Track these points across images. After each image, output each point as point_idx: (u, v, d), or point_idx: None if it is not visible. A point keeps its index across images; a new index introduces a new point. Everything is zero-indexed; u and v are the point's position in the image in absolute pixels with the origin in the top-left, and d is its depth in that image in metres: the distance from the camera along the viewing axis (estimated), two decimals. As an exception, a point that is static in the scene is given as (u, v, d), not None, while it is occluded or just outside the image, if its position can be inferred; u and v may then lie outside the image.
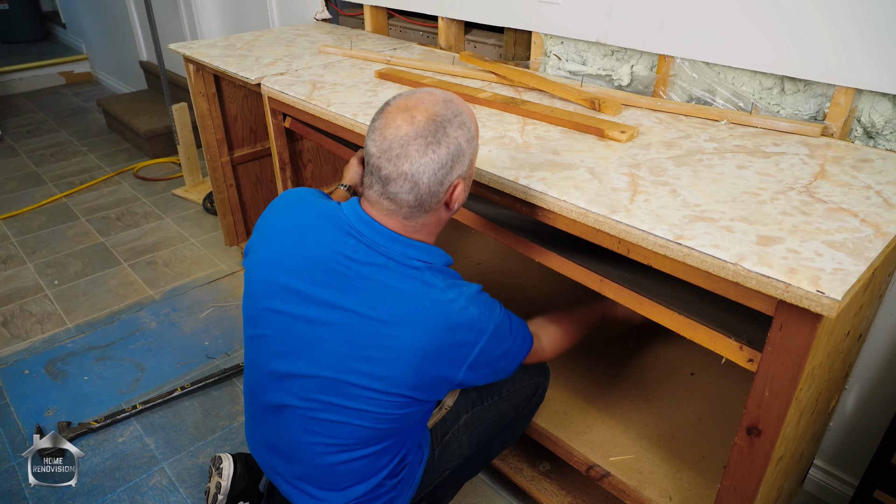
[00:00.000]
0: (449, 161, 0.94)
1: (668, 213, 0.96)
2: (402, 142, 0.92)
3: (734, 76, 1.38)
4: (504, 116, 1.41)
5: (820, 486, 1.55)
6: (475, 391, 1.27)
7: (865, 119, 1.23)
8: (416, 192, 0.94)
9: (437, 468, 1.23)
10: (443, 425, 1.24)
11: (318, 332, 1.01)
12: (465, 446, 1.25)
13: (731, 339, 0.95)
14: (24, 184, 3.36)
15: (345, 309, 0.98)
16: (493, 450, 1.36)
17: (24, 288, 2.45)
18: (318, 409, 1.05)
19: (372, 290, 0.97)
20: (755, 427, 0.93)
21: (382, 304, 0.96)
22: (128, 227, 2.91)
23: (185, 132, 3.06)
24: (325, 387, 1.03)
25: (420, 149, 0.92)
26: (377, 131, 0.95)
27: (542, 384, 1.32)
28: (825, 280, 0.78)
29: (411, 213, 0.97)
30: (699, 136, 1.26)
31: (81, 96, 4.93)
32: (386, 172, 0.94)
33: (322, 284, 0.99)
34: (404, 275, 0.97)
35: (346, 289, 0.98)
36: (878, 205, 0.97)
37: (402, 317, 0.96)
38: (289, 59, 1.92)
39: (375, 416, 1.02)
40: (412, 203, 0.96)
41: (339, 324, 0.99)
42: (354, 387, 1.01)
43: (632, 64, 1.55)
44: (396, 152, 0.92)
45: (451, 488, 1.39)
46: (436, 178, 0.94)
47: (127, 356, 2.07)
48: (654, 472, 1.27)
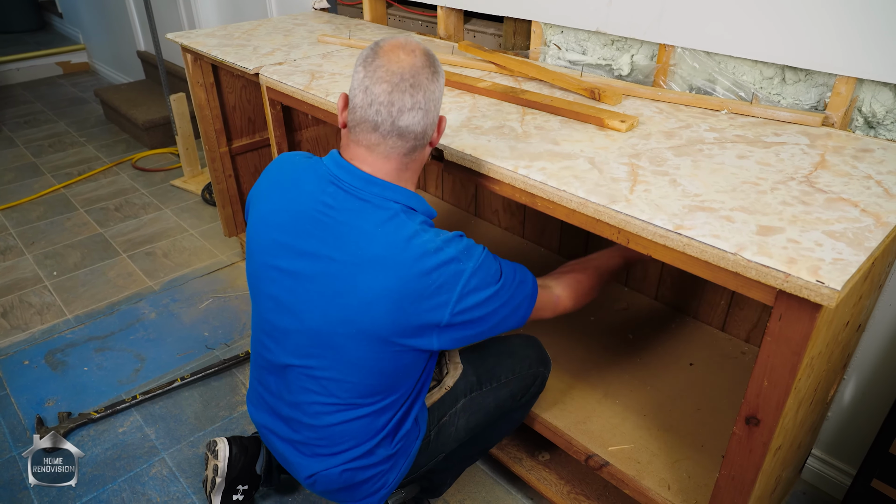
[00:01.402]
0: (441, 93, 1.01)
1: (667, 203, 0.95)
2: (412, 71, 0.95)
3: (735, 66, 1.38)
4: (503, 106, 1.40)
5: (817, 476, 1.56)
6: (474, 375, 1.26)
7: (866, 109, 1.23)
8: (424, 122, 0.98)
9: (433, 450, 1.23)
10: (440, 407, 1.24)
11: (304, 284, 1.02)
12: (461, 431, 1.25)
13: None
14: (22, 175, 3.35)
15: (324, 257, 1.00)
16: (492, 439, 1.37)
17: (23, 279, 2.45)
18: (314, 366, 1.06)
19: (347, 235, 0.98)
20: (754, 417, 0.93)
21: (356, 248, 0.97)
22: (126, 217, 2.90)
23: (184, 123, 3.05)
24: (315, 341, 1.04)
25: (429, 76, 0.96)
26: (381, 69, 0.95)
27: (541, 374, 1.32)
28: (825, 270, 0.78)
29: (412, 150, 1.00)
30: (699, 126, 1.26)
31: (79, 87, 4.90)
32: (398, 106, 0.95)
33: (306, 235, 1.01)
34: (379, 217, 0.98)
35: (326, 237, 1.00)
36: (878, 195, 0.97)
37: (374, 259, 0.96)
38: (287, 49, 1.91)
39: (367, 368, 1.03)
40: (418, 135, 0.99)
41: (320, 274, 1.00)
42: (340, 336, 1.01)
43: (632, 53, 1.55)
44: (410, 82, 0.94)
45: (449, 475, 1.40)
46: (436, 108, 0.99)
47: (127, 347, 2.08)
48: (652, 462, 1.28)
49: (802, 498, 1.55)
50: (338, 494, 1.18)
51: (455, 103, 1.42)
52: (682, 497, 1.20)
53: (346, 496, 1.18)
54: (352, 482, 1.15)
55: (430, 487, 1.39)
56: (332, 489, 1.17)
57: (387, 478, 1.17)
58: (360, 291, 0.98)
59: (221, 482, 1.43)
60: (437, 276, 0.96)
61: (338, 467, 1.13)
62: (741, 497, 1.02)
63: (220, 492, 1.45)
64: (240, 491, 1.47)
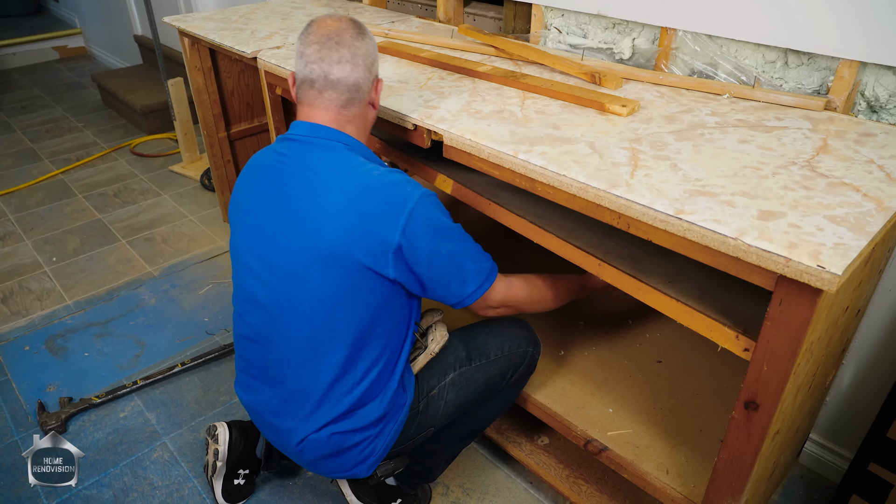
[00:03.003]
0: (373, 53, 1.12)
1: (668, 188, 0.95)
2: (337, 31, 1.08)
3: (737, 49, 1.37)
4: (503, 90, 1.39)
5: (815, 460, 1.57)
6: (464, 350, 1.28)
7: (869, 93, 1.22)
8: (354, 76, 1.08)
9: (421, 422, 1.24)
10: (429, 379, 1.25)
11: (268, 228, 1.11)
12: (450, 405, 1.25)
13: (728, 329, 0.96)
14: (20, 160, 3.34)
15: (280, 197, 1.09)
16: (483, 419, 1.36)
17: (22, 265, 2.45)
18: (286, 308, 1.11)
19: (299, 173, 1.08)
20: (753, 401, 0.93)
21: (307, 181, 1.07)
22: (125, 203, 2.89)
23: (182, 108, 3.03)
24: (284, 279, 1.10)
25: (353, 35, 1.09)
26: (311, 34, 1.09)
27: (530, 353, 1.33)
28: (826, 255, 0.78)
29: (348, 102, 1.10)
30: (701, 111, 1.25)
31: (76, 71, 4.87)
32: (328, 61, 1.07)
33: (265, 183, 1.12)
34: (325, 153, 1.08)
35: (281, 181, 1.10)
36: (880, 179, 0.97)
37: (323, 184, 1.06)
38: (285, 33, 1.89)
39: (332, 298, 1.06)
40: (351, 87, 1.09)
41: (279, 213, 1.09)
42: (302, 267, 1.07)
43: (633, 37, 1.53)
44: (335, 39, 1.07)
45: (442, 459, 1.39)
46: (366, 64, 1.10)
47: (127, 332, 2.08)
48: (651, 446, 1.28)
49: (800, 482, 1.56)
50: (327, 463, 1.19)
51: (455, 87, 1.41)
52: (681, 481, 1.21)
53: (335, 465, 1.19)
54: (340, 447, 1.16)
55: (423, 471, 1.40)
56: (321, 455, 1.17)
57: (375, 444, 1.17)
58: (312, 214, 1.05)
59: (222, 466, 1.44)
60: (386, 192, 1.04)
61: (325, 429, 1.14)
62: (739, 481, 1.02)
63: (222, 476, 1.46)
64: (241, 475, 1.48)
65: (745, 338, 0.94)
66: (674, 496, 1.18)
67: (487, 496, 1.54)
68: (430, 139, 1.25)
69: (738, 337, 0.95)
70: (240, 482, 1.49)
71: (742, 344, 0.95)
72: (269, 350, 1.17)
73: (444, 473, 1.58)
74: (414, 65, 1.59)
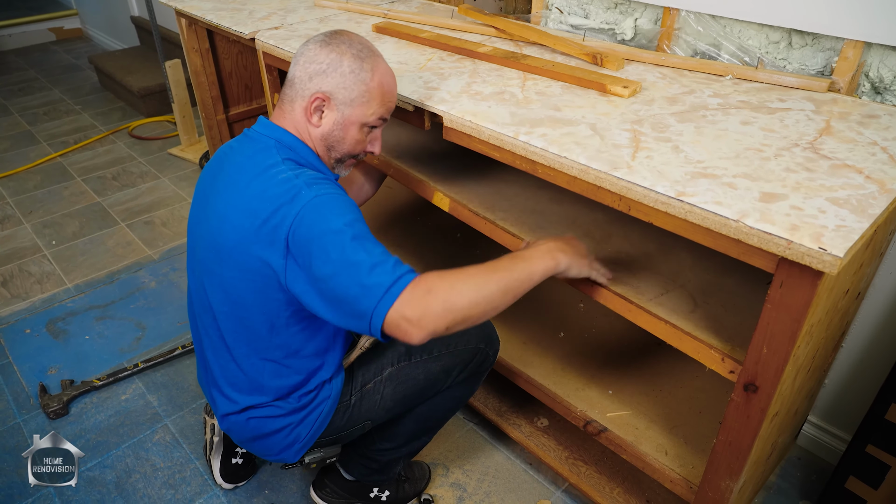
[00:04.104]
0: (325, 65, 1.05)
1: (670, 170, 0.94)
2: (338, 37, 1.07)
3: (740, 29, 1.35)
4: (504, 71, 1.38)
5: (813, 441, 1.58)
6: (404, 346, 1.21)
7: (874, 74, 1.20)
8: (292, 71, 1.07)
9: (354, 415, 1.22)
10: (364, 373, 1.22)
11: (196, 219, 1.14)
12: (387, 400, 1.22)
13: (714, 352, 0.99)
14: (18, 143, 3.32)
15: (210, 189, 1.10)
16: (434, 416, 1.32)
17: (22, 248, 2.45)
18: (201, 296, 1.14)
19: (228, 167, 1.08)
20: (752, 383, 0.93)
21: (227, 178, 1.07)
22: (124, 186, 2.88)
23: (180, 90, 3.01)
24: (199, 269, 1.13)
25: (316, 41, 1.07)
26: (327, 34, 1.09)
27: (482, 351, 1.26)
28: (827, 237, 0.78)
29: (290, 99, 1.08)
30: (703, 92, 1.23)
31: (73, 53, 4.83)
32: (303, 53, 1.07)
33: (208, 173, 1.14)
34: (252, 149, 1.07)
35: (215, 175, 1.10)
36: (883, 161, 0.96)
37: (234, 182, 1.05)
38: (283, 13, 1.87)
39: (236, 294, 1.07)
40: (289, 80, 1.08)
41: (204, 204, 1.11)
42: (212, 262, 1.08)
43: (635, 17, 1.51)
44: (327, 41, 1.07)
45: (401, 456, 1.37)
46: (307, 69, 1.06)
47: (127, 315, 2.08)
48: (650, 428, 1.29)
49: (798, 463, 1.57)
50: (254, 445, 1.22)
51: (455, 69, 1.40)
52: (680, 462, 1.22)
53: (261, 448, 1.22)
54: (260, 432, 1.18)
55: (381, 468, 1.37)
56: (245, 438, 1.21)
57: (298, 431, 1.18)
58: (218, 211, 1.06)
59: (219, 441, 1.45)
60: (278, 192, 0.98)
61: (242, 413, 1.17)
62: (738, 462, 1.03)
63: (220, 453, 1.47)
64: (238, 454, 1.50)
65: (731, 360, 0.97)
66: (672, 477, 1.19)
67: (487, 477, 1.55)
68: (431, 121, 1.24)
69: (723, 359, 0.98)
70: (238, 461, 1.50)
71: (728, 366, 0.98)
72: (195, 331, 1.23)
73: (444, 455, 1.60)
74: (413, 46, 1.57)
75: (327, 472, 1.45)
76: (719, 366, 0.99)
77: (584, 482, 1.44)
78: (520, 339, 1.52)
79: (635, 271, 1.18)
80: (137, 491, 1.52)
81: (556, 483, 1.54)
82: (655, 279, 1.15)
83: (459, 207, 1.33)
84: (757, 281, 1.18)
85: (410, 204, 2.06)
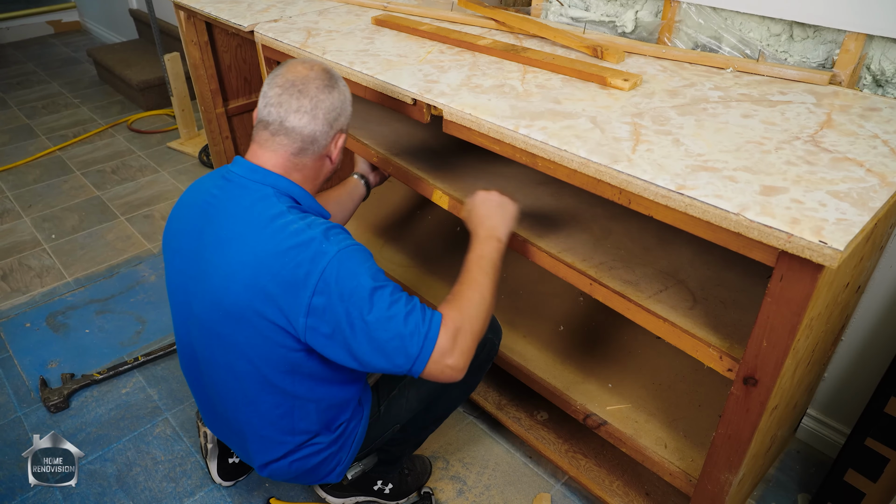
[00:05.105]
0: (339, 106, 1.06)
1: (670, 163, 0.94)
2: (304, 80, 1.03)
3: (741, 22, 1.34)
4: (504, 64, 1.37)
5: (812, 435, 1.58)
6: None
7: (875, 66, 1.20)
8: (311, 128, 1.03)
9: (385, 422, 1.24)
10: (388, 382, 1.25)
11: (185, 275, 1.08)
12: (413, 401, 1.26)
13: (712, 349, 1.00)
14: (17, 137, 3.31)
15: (200, 243, 1.05)
16: (447, 406, 1.35)
17: (21, 242, 2.45)
18: (209, 358, 1.09)
19: (219, 218, 1.03)
20: (752, 377, 0.93)
21: (223, 231, 1.01)
22: (123, 180, 2.88)
23: (179, 83, 3.00)
24: (203, 330, 1.07)
25: (320, 86, 1.04)
26: (278, 77, 1.04)
27: (490, 341, 1.29)
28: (828, 230, 0.77)
29: (300, 151, 1.04)
30: (704, 85, 1.23)
31: (71, 46, 4.81)
32: (286, 107, 1.02)
33: (192, 224, 1.07)
34: (250, 199, 1.01)
35: (203, 227, 1.05)
36: (884, 154, 0.96)
37: (235, 236, 0.99)
38: (282, 6, 1.86)
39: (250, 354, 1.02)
40: (306, 137, 1.04)
41: (197, 260, 1.05)
42: (215, 323, 1.03)
43: (636, 9, 1.51)
44: (299, 87, 1.02)
45: (408, 447, 1.39)
46: (327, 118, 1.04)
47: (127, 309, 2.08)
48: (650, 421, 1.29)
49: (797, 456, 1.58)
50: (298, 480, 1.22)
51: (454, 61, 1.39)
52: (679, 455, 1.22)
53: (306, 479, 1.22)
54: (304, 469, 1.17)
55: (390, 460, 1.38)
56: (290, 478, 1.20)
57: (339, 457, 1.19)
58: (221, 269, 1.00)
59: (214, 447, 1.45)
60: (296, 253, 0.95)
61: (283, 459, 1.15)
62: (737, 455, 1.03)
63: (216, 457, 1.47)
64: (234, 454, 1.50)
65: (729, 358, 0.98)
66: (672, 470, 1.20)
67: (487, 470, 1.55)
68: (430, 114, 1.23)
69: (721, 357, 0.99)
70: (234, 461, 1.50)
71: (726, 364, 0.98)
72: (206, 392, 1.18)
73: (444, 448, 1.60)
74: (413, 38, 1.56)
75: None
76: (717, 363, 0.99)
77: (583, 475, 1.44)
78: (520, 333, 1.52)
79: (634, 267, 1.18)
80: (138, 484, 1.52)
81: (556, 476, 1.54)
82: (655, 275, 1.15)
83: (459, 205, 1.32)
84: (757, 275, 1.18)
85: (410, 198, 2.06)
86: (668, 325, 1.05)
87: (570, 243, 1.23)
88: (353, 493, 1.44)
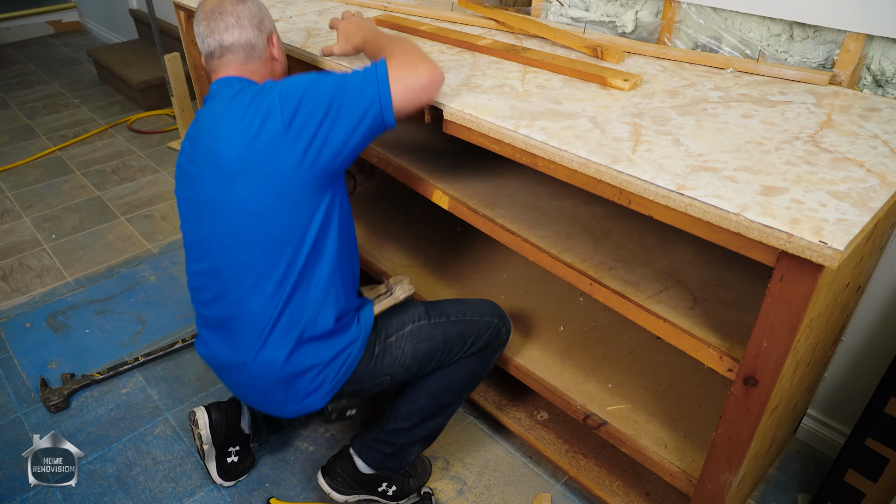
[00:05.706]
0: (257, 11, 1.22)
1: (670, 163, 0.94)
2: (218, 4, 1.19)
3: (742, 22, 1.34)
4: (504, 64, 1.37)
5: (812, 435, 1.58)
6: (424, 308, 1.32)
7: (875, 67, 1.20)
8: (244, 34, 1.19)
9: (377, 367, 1.25)
10: (388, 326, 1.27)
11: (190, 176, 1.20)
12: (407, 357, 1.27)
13: (712, 350, 1.00)
14: (17, 137, 3.31)
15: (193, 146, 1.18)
16: (449, 391, 1.34)
17: (21, 242, 2.45)
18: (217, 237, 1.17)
19: (203, 119, 1.17)
20: (752, 377, 0.93)
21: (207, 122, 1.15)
22: (123, 180, 2.88)
23: (179, 83, 2.99)
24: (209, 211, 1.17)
25: (233, 2, 1.19)
26: (199, 15, 1.20)
27: (495, 325, 1.33)
28: (828, 230, 0.77)
29: (246, 59, 1.21)
30: (704, 85, 1.23)
31: (71, 46, 4.81)
32: (217, 31, 1.18)
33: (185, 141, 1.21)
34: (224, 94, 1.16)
35: (194, 135, 1.19)
36: (884, 154, 0.96)
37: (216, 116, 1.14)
38: (282, 6, 1.86)
39: (254, 213, 1.11)
40: (245, 45, 1.20)
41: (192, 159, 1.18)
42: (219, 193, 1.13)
43: (636, 10, 1.51)
44: (218, 11, 1.18)
45: (416, 441, 1.38)
46: (252, 23, 1.20)
47: (127, 309, 2.08)
48: (650, 421, 1.29)
49: (797, 456, 1.58)
50: (280, 394, 1.21)
51: (454, 62, 1.39)
52: (679, 455, 1.22)
53: (288, 397, 1.21)
54: (294, 372, 1.17)
55: (395, 453, 1.37)
56: (274, 380, 1.19)
57: (326, 373, 1.19)
58: (211, 143, 1.13)
59: (210, 448, 1.45)
60: (253, 94, 1.11)
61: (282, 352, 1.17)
62: (737, 455, 1.03)
63: (213, 457, 1.47)
64: (232, 453, 1.50)
65: (729, 358, 0.98)
66: (672, 470, 1.20)
67: (487, 470, 1.55)
68: (430, 114, 1.23)
69: (721, 358, 0.99)
70: (233, 460, 1.50)
71: (726, 364, 0.99)
72: (216, 285, 1.22)
73: (444, 448, 1.60)
74: (413, 38, 1.56)
75: (340, 459, 1.44)
76: (717, 364, 0.99)
77: (583, 475, 1.44)
78: (520, 333, 1.52)
79: (634, 267, 1.18)
80: (138, 484, 1.52)
81: (556, 476, 1.54)
82: (655, 275, 1.16)
83: (459, 205, 1.32)
84: (757, 275, 1.18)
85: (409, 197, 2.06)
86: (668, 325, 1.05)
87: (570, 243, 1.24)
88: (358, 490, 1.44)
